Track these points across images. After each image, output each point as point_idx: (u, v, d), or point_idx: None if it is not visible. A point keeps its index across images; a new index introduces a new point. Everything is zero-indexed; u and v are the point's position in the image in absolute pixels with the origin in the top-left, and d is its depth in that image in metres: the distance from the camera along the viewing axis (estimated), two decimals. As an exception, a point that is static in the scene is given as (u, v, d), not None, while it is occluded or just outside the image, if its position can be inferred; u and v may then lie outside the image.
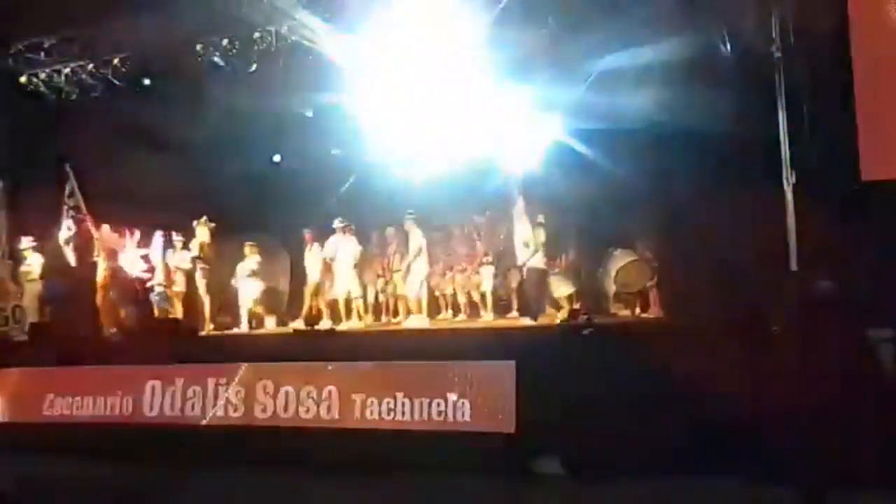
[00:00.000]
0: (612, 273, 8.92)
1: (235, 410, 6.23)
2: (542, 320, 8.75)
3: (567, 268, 9.50)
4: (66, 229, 9.76)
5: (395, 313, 9.80)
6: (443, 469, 5.30)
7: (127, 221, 10.15)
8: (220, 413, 6.27)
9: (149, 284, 9.69)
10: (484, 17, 8.09)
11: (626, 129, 8.22)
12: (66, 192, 9.84)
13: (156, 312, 9.57)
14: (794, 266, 5.11)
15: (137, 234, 9.82)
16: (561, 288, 9.41)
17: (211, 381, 6.38)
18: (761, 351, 5.22)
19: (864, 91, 5.25)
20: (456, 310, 9.98)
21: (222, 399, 6.28)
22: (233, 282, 10.03)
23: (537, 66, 8.81)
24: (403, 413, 5.74)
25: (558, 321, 7.31)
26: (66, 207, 9.82)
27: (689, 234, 7.49)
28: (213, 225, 9.92)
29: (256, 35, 8.44)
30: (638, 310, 8.88)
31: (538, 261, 8.76)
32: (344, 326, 9.02)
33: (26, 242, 9.78)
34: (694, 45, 7.21)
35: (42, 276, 9.65)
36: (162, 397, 6.53)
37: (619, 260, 8.93)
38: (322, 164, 10.87)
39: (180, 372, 6.61)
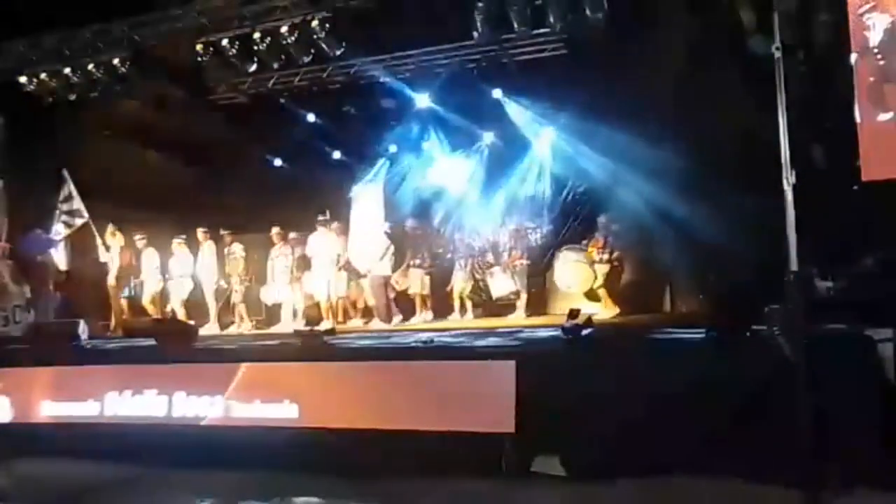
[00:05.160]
0: (557, 273, 9.12)
1: (232, 411, 6.22)
2: (545, 320, 8.77)
3: (509, 266, 9.57)
4: (57, 233, 9.80)
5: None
6: (443, 469, 5.30)
7: (123, 222, 10.25)
8: (218, 414, 6.26)
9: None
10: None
11: (623, 130, 8.24)
12: (62, 196, 9.88)
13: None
14: (794, 266, 5.10)
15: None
16: (498, 286, 9.54)
17: (208, 382, 6.36)
18: (760, 350, 5.23)
19: (864, 90, 5.25)
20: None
21: (219, 399, 6.26)
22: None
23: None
24: (402, 413, 5.73)
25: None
26: (58, 212, 9.87)
27: (689, 234, 7.50)
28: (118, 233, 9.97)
29: (257, 35, 8.42)
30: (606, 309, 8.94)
31: (383, 268, 9.36)
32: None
33: None
34: (693, 44, 7.22)
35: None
36: (157, 398, 6.51)
37: (563, 261, 9.07)
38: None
39: (175, 372, 6.60)
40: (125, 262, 9.94)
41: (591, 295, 9.11)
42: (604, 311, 8.77)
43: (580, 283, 9.08)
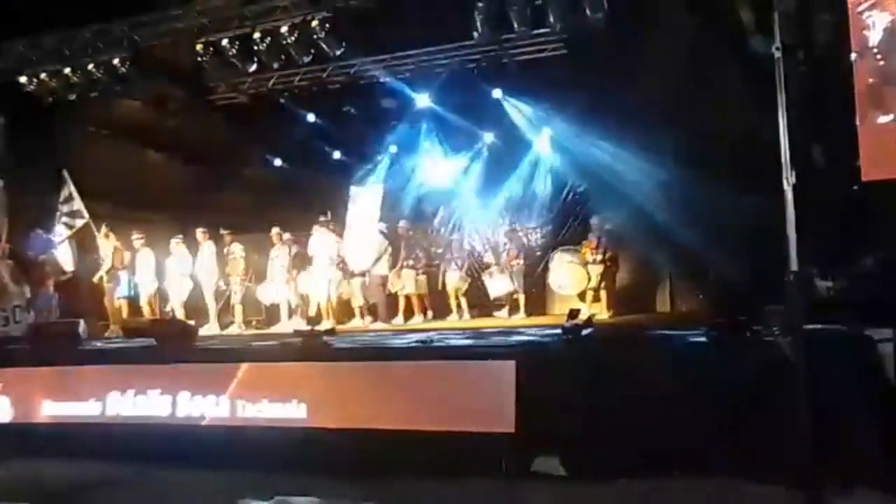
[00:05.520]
0: (551, 274, 9.16)
1: (232, 411, 6.22)
2: (545, 320, 8.78)
3: (506, 266, 9.57)
4: (58, 235, 9.79)
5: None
6: (443, 469, 5.30)
7: (124, 223, 10.24)
8: (218, 414, 6.26)
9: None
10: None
11: (623, 130, 8.23)
12: (62, 197, 9.86)
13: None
14: (794, 266, 5.10)
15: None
16: (496, 287, 9.55)
17: (209, 382, 6.36)
18: (760, 350, 5.23)
19: (864, 92, 5.25)
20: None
21: (219, 399, 6.26)
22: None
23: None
24: (403, 413, 5.73)
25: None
26: (59, 213, 9.85)
27: (689, 233, 7.50)
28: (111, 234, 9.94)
29: (257, 35, 8.42)
30: (602, 310, 8.94)
31: (381, 267, 9.50)
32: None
33: None
34: (693, 44, 7.21)
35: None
36: (158, 398, 6.51)
37: (558, 262, 9.10)
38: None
39: (176, 372, 6.60)
40: (117, 263, 9.91)
41: (585, 296, 9.13)
42: (589, 309, 8.79)
43: (574, 284, 9.12)
